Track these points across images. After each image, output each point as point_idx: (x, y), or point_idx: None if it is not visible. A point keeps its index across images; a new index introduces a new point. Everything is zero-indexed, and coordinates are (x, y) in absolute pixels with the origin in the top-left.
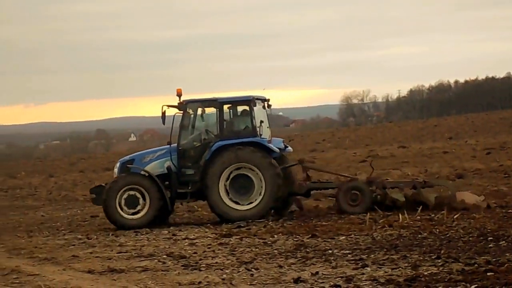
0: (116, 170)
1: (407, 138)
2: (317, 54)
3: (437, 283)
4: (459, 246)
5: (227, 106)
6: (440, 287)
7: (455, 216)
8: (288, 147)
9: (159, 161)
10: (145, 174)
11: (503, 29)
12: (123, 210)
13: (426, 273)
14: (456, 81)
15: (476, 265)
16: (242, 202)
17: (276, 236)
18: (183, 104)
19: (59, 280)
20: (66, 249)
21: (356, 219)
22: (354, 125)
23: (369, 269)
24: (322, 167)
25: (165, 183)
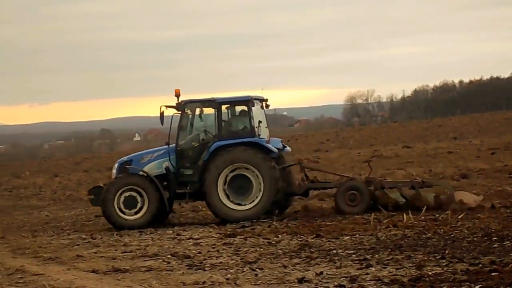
0: (114, 170)
1: (411, 138)
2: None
3: (442, 283)
4: (463, 246)
5: (225, 106)
6: (445, 287)
7: (460, 216)
8: (287, 147)
9: (158, 162)
10: (144, 175)
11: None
12: (121, 210)
13: (430, 273)
14: (461, 81)
15: (480, 265)
16: (240, 202)
17: (280, 236)
18: (181, 104)
19: (64, 279)
20: (71, 248)
21: (361, 219)
22: (358, 125)
23: (373, 269)
24: (321, 167)
25: (164, 183)
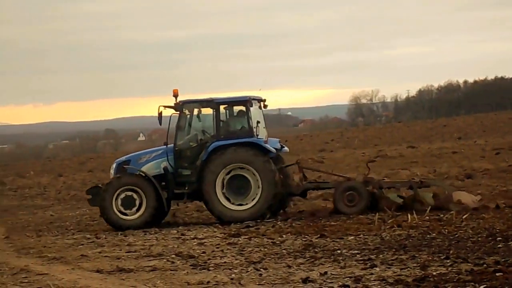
0: (112, 171)
1: (416, 138)
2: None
3: (446, 283)
4: (468, 246)
5: (223, 107)
6: (449, 287)
7: (464, 217)
8: (285, 147)
9: (156, 162)
10: (142, 175)
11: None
12: (119, 211)
13: (435, 273)
14: (465, 81)
15: (485, 265)
16: (239, 202)
17: (284, 236)
18: (180, 104)
19: (68, 279)
20: (75, 248)
21: (365, 219)
22: (363, 125)
23: (377, 269)
24: (321, 168)
25: (162, 183)
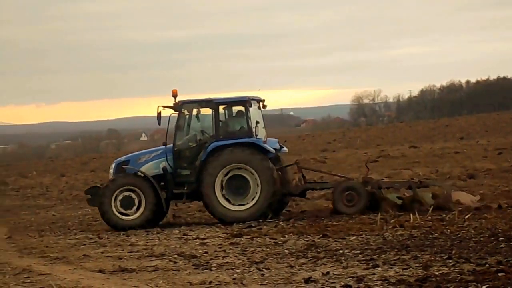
0: (111, 170)
1: (418, 138)
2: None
3: (448, 283)
4: (470, 246)
5: (222, 107)
6: (451, 287)
7: (466, 217)
8: (284, 148)
9: (155, 162)
10: (141, 175)
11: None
12: (118, 211)
13: (437, 273)
14: (468, 81)
15: (487, 265)
16: (238, 202)
17: (287, 236)
18: (179, 104)
19: (70, 279)
20: (77, 248)
21: (367, 219)
22: (365, 125)
23: (380, 269)
24: (320, 168)
25: (161, 184)
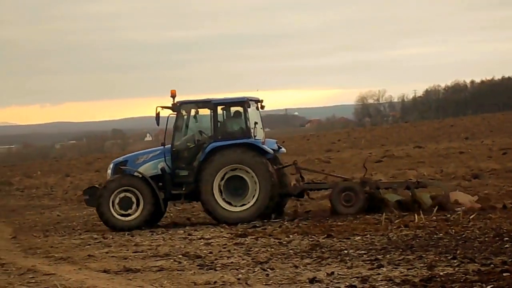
0: (109, 171)
1: (423, 138)
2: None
3: (453, 284)
4: (475, 246)
5: (221, 107)
6: (456, 287)
7: (471, 217)
8: (282, 148)
9: (153, 162)
10: (139, 176)
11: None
12: (116, 211)
13: (442, 274)
14: (472, 81)
15: (492, 265)
16: (236, 203)
17: (291, 236)
18: (177, 105)
19: (75, 279)
20: (82, 248)
21: (372, 219)
22: (369, 125)
23: (384, 269)
24: (319, 168)
25: (159, 184)
